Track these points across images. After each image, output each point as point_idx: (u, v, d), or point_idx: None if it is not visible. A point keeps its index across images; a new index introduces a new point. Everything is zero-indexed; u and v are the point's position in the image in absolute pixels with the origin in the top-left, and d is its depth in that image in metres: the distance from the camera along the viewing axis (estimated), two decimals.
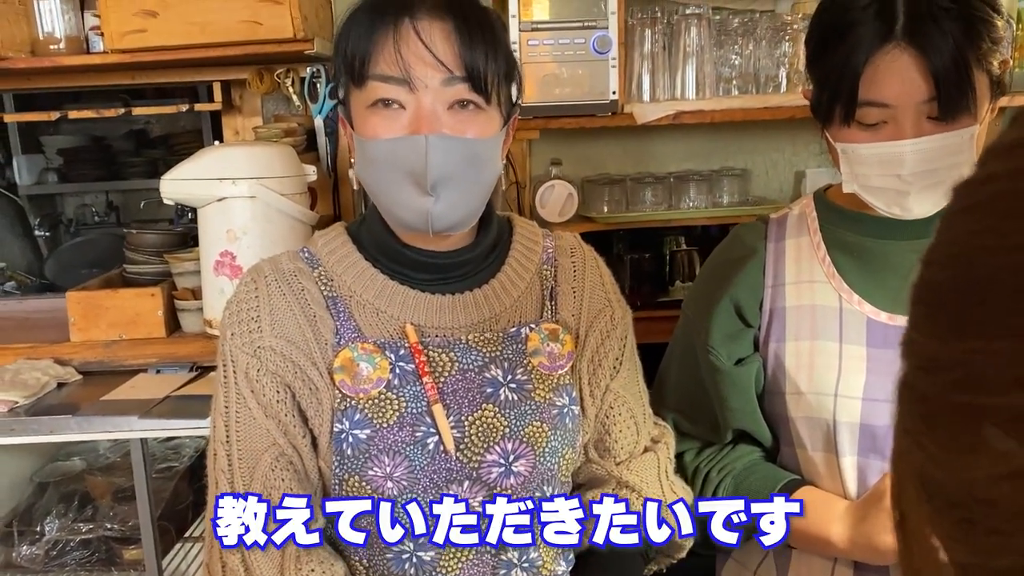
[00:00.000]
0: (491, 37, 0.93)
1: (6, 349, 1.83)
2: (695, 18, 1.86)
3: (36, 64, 1.81)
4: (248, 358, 0.95)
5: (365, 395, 0.95)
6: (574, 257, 1.09)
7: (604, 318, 1.06)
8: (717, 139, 2.15)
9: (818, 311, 1.08)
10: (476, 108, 0.92)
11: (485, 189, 0.98)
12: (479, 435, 0.97)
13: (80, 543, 1.74)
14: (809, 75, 1.06)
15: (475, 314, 1.01)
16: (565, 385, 1.02)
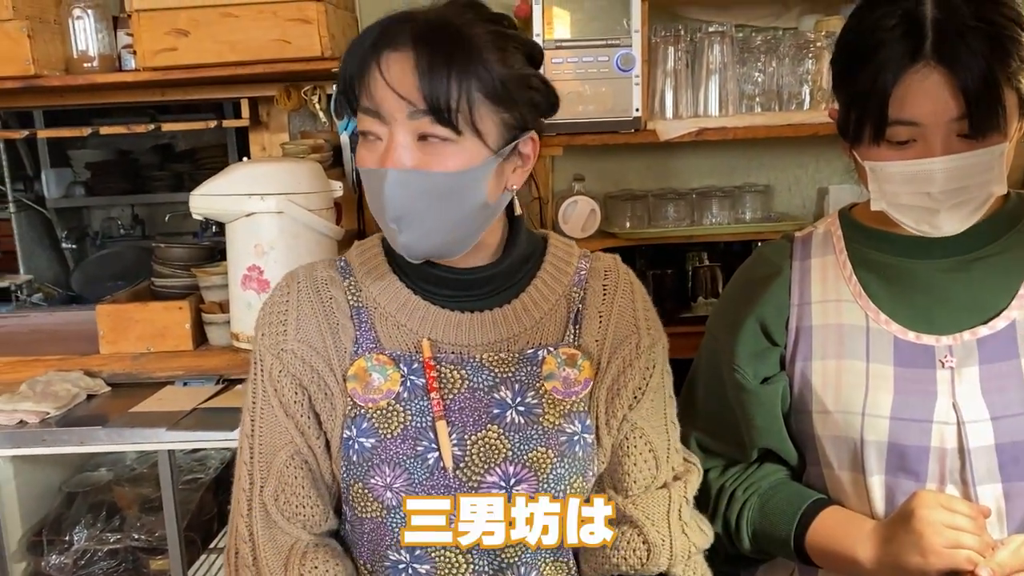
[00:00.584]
0: (462, 67, 0.89)
1: (37, 361, 1.86)
2: (718, 35, 1.87)
3: (70, 81, 1.84)
4: (273, 359, 1.00)
5: (374, 405, 0.98)
6: (606, 280, 1.06)
7: (628, 345, 1.03)
8: (739, 156, 2.15)
9: (845, 330, 1.08)
10: (443, 140, 0.91)
11: (462, 221, 0.95)
12: (480, 455, 0.97)
13: (108, 553, 1.76)
14: (835, 95, 1.06)
15: (492, 333, 1.01)
16: (579, 412, 1.00)
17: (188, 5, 1.73)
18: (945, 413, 1.02)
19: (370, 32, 0.93)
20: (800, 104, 1.92)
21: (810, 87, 1.90)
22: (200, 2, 1.73)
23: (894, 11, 0.97)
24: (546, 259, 1.06)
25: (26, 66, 1.76)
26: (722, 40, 1.87)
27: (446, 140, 0.91)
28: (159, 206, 4.34)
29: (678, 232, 1.93)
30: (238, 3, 1.73)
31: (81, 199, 4.32)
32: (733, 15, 2.00)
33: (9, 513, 1.73)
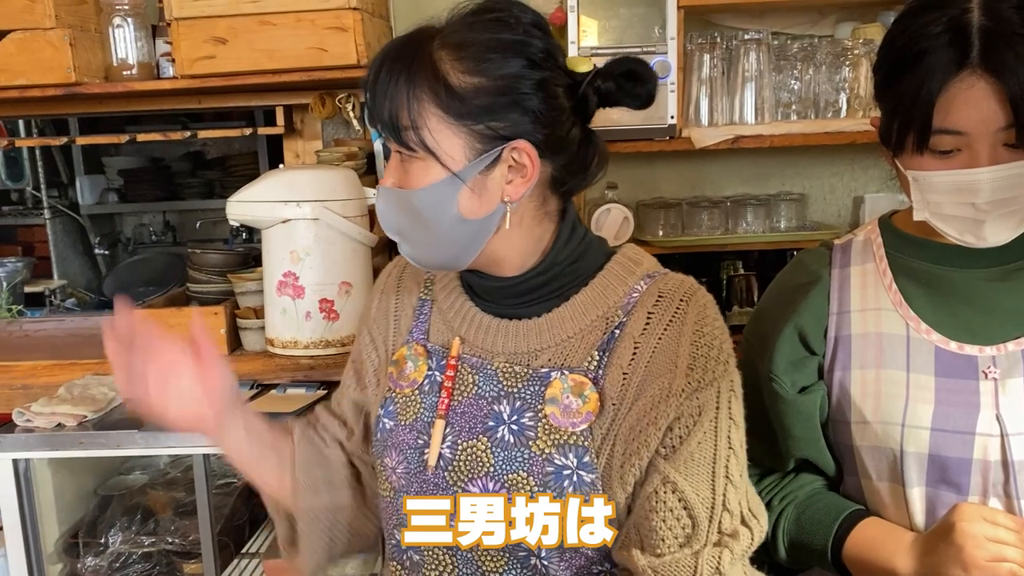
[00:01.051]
0: (412, 86, 0.89)
1: (75, 364, 1.88)
2: (754, 43, 1.86)
3: (110, 89, 1.87)
4: (363, 316, 1.14)
5: (400, 391, 1.04)
6: (656, 306, 0.95)
7: (659, 385, 0.91)
8: (774, 163, 2.14)
9: (885, 339, 1.06)
10: (411, 159, 0.92)
11: (442, 235, 0.94)
12: (466, 464, 0.96)
13: (142, 556, 1.77)
14: (878, 102, 1.04)
15: (513, 344, 0.99)
16: (575, 445, 0.92)
17: (227, 13, 1.75)
18: (988, 425, 1.00)
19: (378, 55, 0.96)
20: (837, 112, 1.90)
21: (847, 95, 1.89)
22: (239, 10, 1.75)
23: (940, 18, 0.94)
24: (599, 274, 0.98)
25: (67, 74, 1.79)
26: (758, 47, 1.86)
27: (412, 158, 0.91)
28: (190, 213, 4.40)
29: (712, 240, 1.92)
30: (276, 11, 1.74)
31: (114, 205, 4.39)
32: (769, 22, 1.99)
33: (46, 515, 1.74)
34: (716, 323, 0.94)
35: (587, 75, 0.95)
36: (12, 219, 4.40)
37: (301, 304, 1.75)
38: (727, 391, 0.93)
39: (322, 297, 1.76)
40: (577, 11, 1.74)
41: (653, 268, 1.00)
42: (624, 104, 0.99)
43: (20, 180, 4.31)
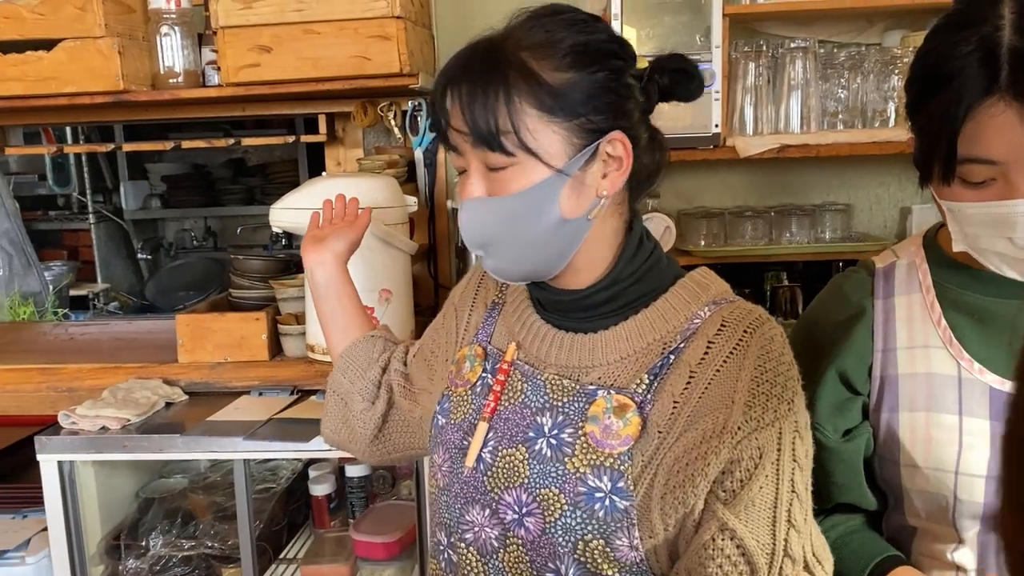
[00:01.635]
0: (503, 89, 0.88)
1: (119, 368, 1.90)
2: (800, 51, 1.83)
3: (156, 97, 1.89)
4: (448, 300, 1.19)
5: (455, 390, 1.06)
6: (717, 335, 0.91)
7: (712, 420, 0.88)
8: (819, 173, 2.10)
9: (935, 380, 0.99)
10: (504, 168, 0.91)
11: (538, 242, 0.93)
12: (503, 472, 0.96)
13: (182, 559, 1.78)
14: (910, 124, 0.98)
15: (566, 356, 0.98)
16: (611, 468, 0.89)
17: (272, 22, 1.76)
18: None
19: (440, 75, 0.96)
20: (885, 121, 1.87)
21: (895, 104, 1.85)
22: (284, 19, 1.76)
23: (970, 36, 0.87)
24: (663, 296, 0.96)
25: (116, 82, 1.81)
26: (804, 56, 1.83)
27: (506, 166, 0.91)
28: (231, 218, 4.46)
29: (755, 251, 1.89)
30: (321, 20, 1.75)
31: (157, 211, 4.46)
32: (815, 30, 1.96)
33: (90, 517, 1.76)
34: (782, 358, 0.90)
35: (646, 70, 0.96)
36: (58, 223, 4.49)
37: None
38: (791, 432, 0.88)
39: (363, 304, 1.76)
40: (620, 19, 1.73)
41: (721, 294, 0.96)
42: (678, 98, 0.99)
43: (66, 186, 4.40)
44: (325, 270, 1.28)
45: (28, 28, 1.81)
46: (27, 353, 2.09)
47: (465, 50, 0.94)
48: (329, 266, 1.28)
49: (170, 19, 1.86)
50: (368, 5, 1.74)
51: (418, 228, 2.10)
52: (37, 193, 4.42)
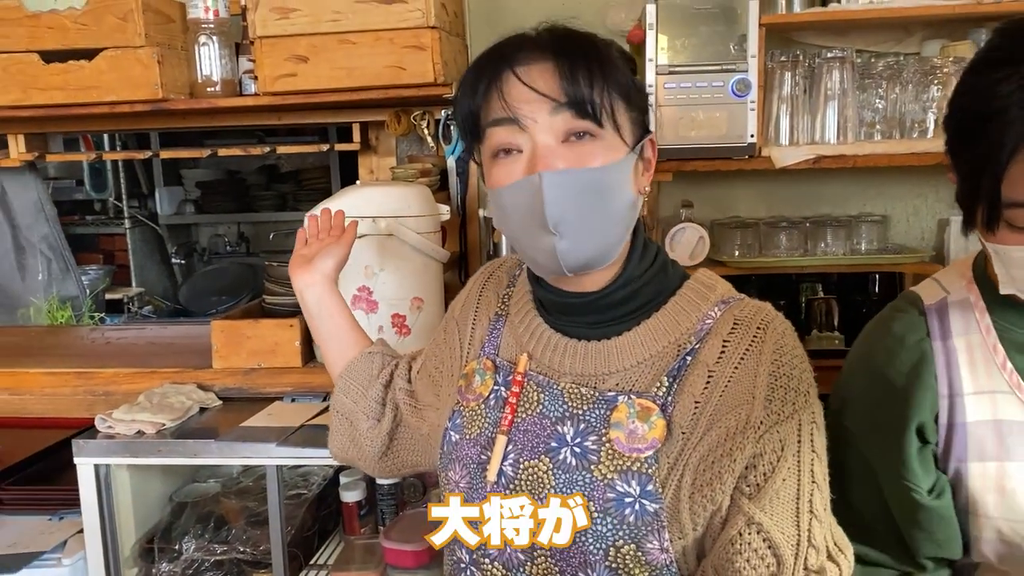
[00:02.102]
0: (596, 65, 0.91)
1: (154, 373, 1.93)
2: (837, 61, 1.81)
3: (194, 105, 1.92)
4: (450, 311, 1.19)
5: (467, 405, 1.05)
6: (732, 334, 0.93)
7: (735, 416, 0.89)
8: (855, 184, 2.08)
9: (1004, 428, 0.96)
10: (590, 137, 0.91)
11: (615, 219, 0.94)
12: (527, 482, 0.96)
13: (214, 563, 1.80)
14: (951, 163, 0.94)
15: (581, 365, 0.98)
16: (639, 472, 0.90)
17: (308, 32, 1.78)
18: None
19: (498, 48, 0.95)
20: (923, 132, 1.84)
21: (935, 114, 1.83)
22: (320, 29, 1.78)
23: (1012, 75, 0.83)
24: (672, 299, 0.97)
25: (155, 90, 1.84)
26: (841, 65, 1.81)
27: (588, 135, 0.91)
28: (264, 224, 4.51)
29: (790, 262, 1.87)
30: (356, 30, 1.77)
31: (191, 216, 4.53)
32: (852, 40, 1.94)
33: (124, 520, 1.78)
34: (795, 351, 0.92)
35: None
36: (94, 228, 4.57)
37: (374, 318, 1.77)
38: (808, 423, 0.90)
39: (394, 312, 1.77)
40: (656, 28, 1.73)
41: (728, 294, 0.98)
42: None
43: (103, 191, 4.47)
44: (315, 291, 1.28)
45: (71, 38, 1.84)
46: (65, 357, 2.12)
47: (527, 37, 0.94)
48: (319, 287, 1.28)
49: (208, 29, 1.89)
50: (403, 16, 1.75)
51: (450, 236, 2.10)
52: (74, 198, 4.50)
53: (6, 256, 2.50)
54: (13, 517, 1.90)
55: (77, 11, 1.84)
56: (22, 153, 2.13)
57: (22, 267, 2.53)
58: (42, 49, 1.86)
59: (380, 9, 1.75)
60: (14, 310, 2.53)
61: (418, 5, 1.74)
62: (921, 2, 1.74)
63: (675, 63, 1.74)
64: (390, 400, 1.23)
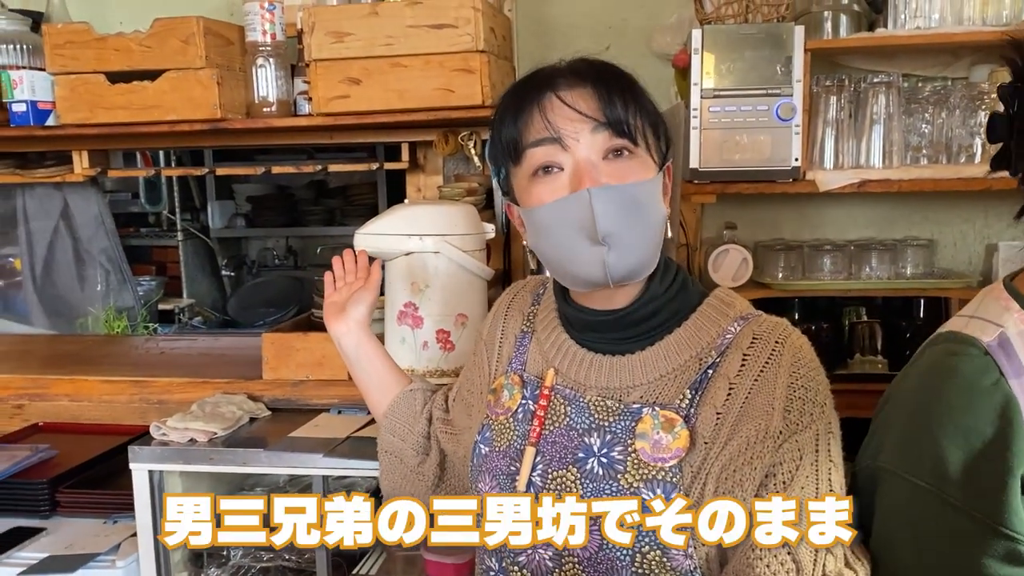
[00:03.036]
0: (630, 94, 0.98)
1: (206, 383, 1.99)
2: (883, 86, 1.82)
3: (250, 124, 1.98)
4: (479, 335, 1.24)
5: (496, 418, 1.09)
6: (751, 347, 0.97)
7: (754, 426, 0.93)
8: (901, 208, 2.08)
9: None
10: (628, 153, 0.97)
11: (655, 230, 0.99)
12: (555, 491, 1.00)
13: (260, 571, 1.84)
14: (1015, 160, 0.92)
15: (606, 379, 1.02)
16: (664, 481, 0.94)
17: (362, 56, 1.84)
18: None
19: (537, 75, 1.01)
20: (971, 157, 1.83)
21: (982, 139, 1.82)
22: (373, 53, 1.83)
23: None
24: (693, 315, 1.02)
25: (213, 110, 1.91)
26: (888, 90, 1.81)
27: (625, 152, 0.97)
28: (312, 239, 4.60)
29: (834, 285, 1.87)
30: (408, 54, 1.82)
31: (241, 230, 4.63)
32: (899, 64, 1.94)
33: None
34: (812, 364, 0.97)
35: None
36: (148, 240, 4.70)
37: (419, 333, 1.81)
38: (825, 433, 0.94)
39: (439, 328, 1.81)
40: (701, 52, 1.75)
41: (746, 310, 1.03)
42: None
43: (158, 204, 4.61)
44: (351, 339, 1.33)
45: (136, 60, 1.92)
46: (121, 366, 2.20)
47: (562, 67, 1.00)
48: (354, 334, 1.33)
49: (265, 51, 1.96)
50: (453, 40, 1.80)
51: (494, 254, 2.14)
52: (129, 211, 4.64)
53: (67, 267, 2.60)
54: (70, 519, 1.97)
55: (142, 34, 1.92)
56: (85, 169, 2.22)
57: (82, 278, 2.63)
58: (108, 70, 1.94)
59: (431, 34, 1.80)
60: (73, 319, 2.62)
61: (468, 30, 1.78)
62: (970, 28, 1.74)
63: (720, 87, 1.76)
64: (434, 433, 1.28)
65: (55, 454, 2.08)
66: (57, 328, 2.61)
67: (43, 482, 1.98)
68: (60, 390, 2.05)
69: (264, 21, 1.92)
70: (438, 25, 1.80)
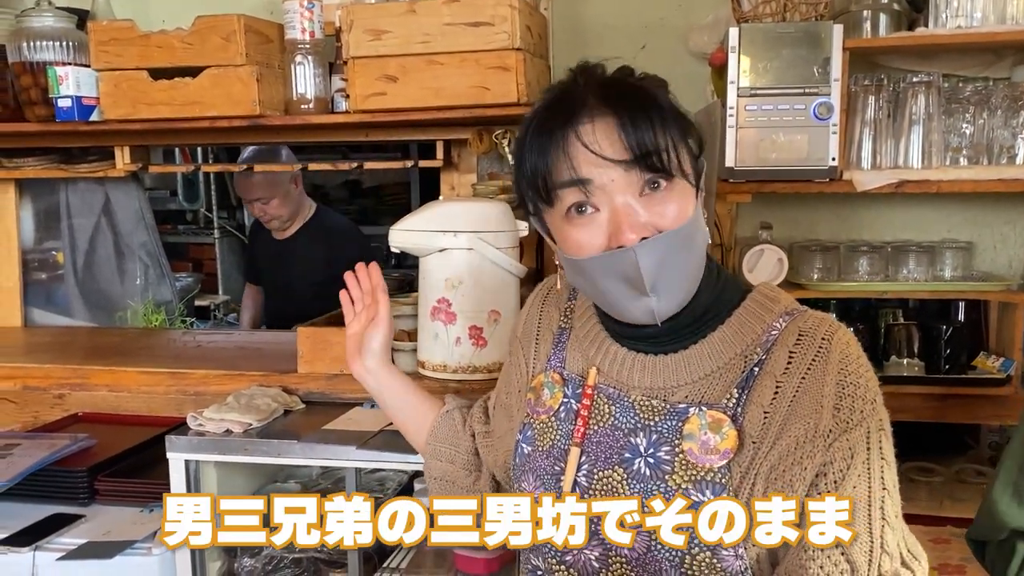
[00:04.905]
0: (656, 113, 0.92)
1: (242, 376, 2.02)
2: (923, 85, 1.80)
3: (289, 121, 2.01)
4: (513, 334, 1.23)
5: (537, 417, 1.08)
6: (798, 344, 0.95)
7: (804, 425, 0.91)
8: (939, 209, 2.05)
9: None
10: (664, 183, 0.92)
11: (699, 262, 0.98)
12: (602, 493, 0.99)
13: (292, 561, 1.87)
14: None
15: (650, 379, 1.00)
16: (712, 482, 0.93)
17: (399, 53, 1.85)
18: None
19: (555, 109, 0.96)
20: (1012, 158, 1.80)
21: None
22: (409, 51, 1.85)
23: None
24: (736, 312, 1.00)
25: (253, 107, 1.94)
26: (927, 90, 1.79)
27: (661, 183, 0.92)
28: None
29: (871, 287, 1.85)
30: (444, 51, 1.83)
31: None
32: (939, 64, 1.91)
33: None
34: (860, 360, 0.94)
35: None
36: (185, 237, 4.78)
37: (452, 329, 1.82)
38: (877, 430, 0.91)
39: (472, 324, 1.82)
40: (738, 51, 1.74)
41: (791, 306, 1.00)
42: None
43: (195, 202, 4.68)
44: (374, 376, 1.32)
45: (178, 56, 1.96)
46: (158, 358, 2.24)
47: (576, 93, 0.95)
48: (375, 371, 1.31)
49: (304, 49, 1.98)
50: (489, 38, 1.81)
51: (527, 252, 2.14)
52: (168, 208, 4.72)
53: (108, 261, 2.65)
54: (108, 507, 2.01)
55: (184, 31, 1.96)
56: (127, 164, 2.26)
57: (122, 271, 2.67)
58: (151, 67, 1.98)
59: (468, 31, 1.81)
60: (113, 312, 2.67)
61: (504, 28, 1.79)
62: (1013, 27, 1.72)
63: (757, 86, 1.75)
64: (479, 447, 1.27)
65: (94, 443, 2.12)
66: (97, 320, 2.66)
67: (82, 470, 2.01)
68: (100, 381, 2.09)
69: (303, 19, 1.95)
70: (475, 23, 1.81)
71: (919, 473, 1.82)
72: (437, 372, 1.84)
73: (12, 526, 1.91)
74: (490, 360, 1.83)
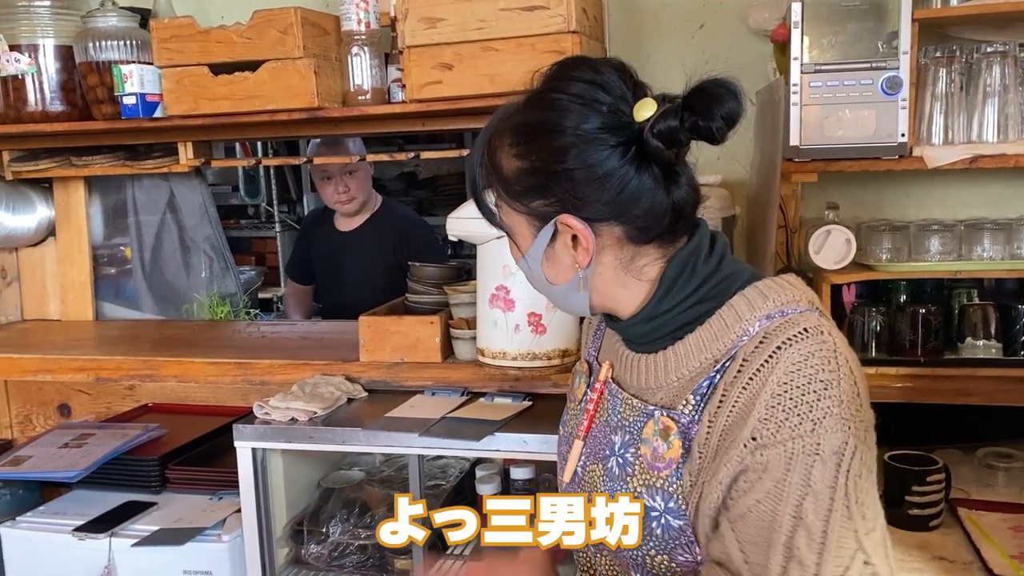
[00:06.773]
0: (480, 174, 1.00)
1: (306, 365, 2.04)
2: (998, 56, 1.72)
3: (347, 113, 2.02)
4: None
5: (569, 404, 1.15)
6: (754, 352, 0.88)
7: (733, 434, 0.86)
8: (1016, 185, 1.97)
9: None
10: (509, 234, 1.02)
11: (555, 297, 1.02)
12: (587, 487, 1.04)
13: (358, 547, 1.89)
14: None
15: (639, 378, 1.00)
16: (662, 489, 0.92)
17: (454, 40, 1.85)
18: None
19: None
20: None
21: None
22: (465, 38, 1.84)
23: None
24: (715, 314, 0.93)
25: (311, 99, 1.96)
26: (1003, 60, 1.72)
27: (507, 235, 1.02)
28: None
29: (943, 267, 1.78)
30: (499, 37, 1.82)
31: None
32: (1014, 34, 1.83)
33: (277, 502, 1.90)
34: (818, 376, 0.84)
35: (646, 122, 0.89)
36: (248, 231, 4.87)
37: (511, 317, 1.81)
38: (807, 454, 0.81)
39: (531, 311, 1.81)
40: (801, 26, 1.69)
41: (780, 306, 0.91)
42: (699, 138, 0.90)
43: (256, 196, 4.76)
44: None
45: (237, 51, 1.99)
46: (224, 349, 2.28)
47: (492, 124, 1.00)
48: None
49: (360, 40, 1.99)
50: (545, 21, 1.79)
51: None
52: (230, 203, 4.81)
53: (174, 255, 2.71)
54: (178, 495, 2.07)
55: (243, 26, 1.98)
56: (190, 159, 2.31)
57: (187, 265, 2.73)
58: (211, 62, 2.01)
59: (523, 16, 1.80)
60: (179, 305, 2.73)
61: (560, 11, 1.77)
62: None
63: (821, 61, 1.70)
64: None
65: (164, 433, 2.18)
66: (164, 313, 2.72)
67: (154, 459, 2.07)
68: (168, 372, 2.14)
69: (359, 10, 1.96)
70: (530, 7, 1.79)
71: (996, 459, 1.75)
72: (497, 359, 1.84)
73: (89, 513, 1.98)
74: (550, 347, 1.82)
